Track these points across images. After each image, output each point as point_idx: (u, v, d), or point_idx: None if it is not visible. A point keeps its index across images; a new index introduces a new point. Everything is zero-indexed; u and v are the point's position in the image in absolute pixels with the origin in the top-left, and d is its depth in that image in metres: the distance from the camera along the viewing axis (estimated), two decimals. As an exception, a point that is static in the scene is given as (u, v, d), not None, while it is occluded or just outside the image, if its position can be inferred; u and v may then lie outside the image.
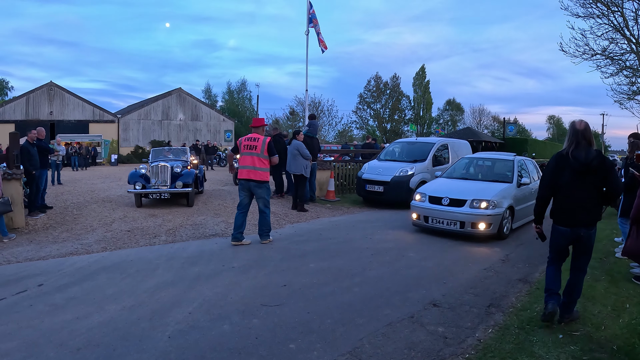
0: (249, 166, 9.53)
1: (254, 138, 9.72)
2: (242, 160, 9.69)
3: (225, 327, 5.28)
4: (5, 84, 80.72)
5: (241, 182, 9.72)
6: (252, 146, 9.62)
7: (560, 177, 5.41)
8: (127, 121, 49.93)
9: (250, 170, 9.53)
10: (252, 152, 9.57)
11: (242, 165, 9.66)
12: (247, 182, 9.59)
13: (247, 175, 9.55)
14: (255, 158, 9.54)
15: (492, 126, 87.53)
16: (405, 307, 5.97)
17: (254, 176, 9.52)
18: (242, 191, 9.76)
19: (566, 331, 5.23)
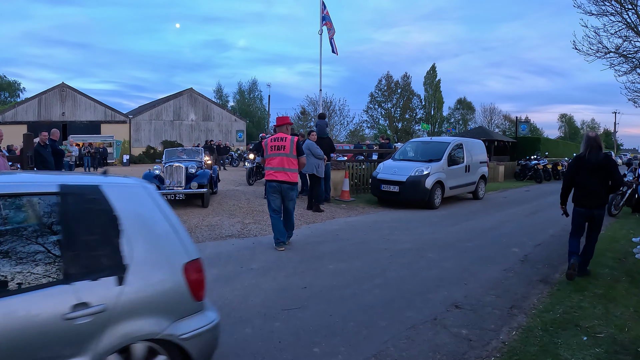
0: (279, 167, 9.10)
1: (281, 138, 9.22)
2: (270, 162, 9.24)
3: (247, 331, 5.24)
4: (17, 85, 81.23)
5: (272, 185, 9.23)
6: (280, 146, 9.13)
7: (578, 173, 7.42)
8: (139, 122, 50.08)
9: (281, 172, 9.09)
10: (280, 152, 9.11)
11: (271, 167, 9.21)
12: (279, 184, 9.12)
13: (280, 177, 9.09)
14: (285, 159, 9.09)
15: (503, 125, 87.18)
16: (427, 309, 5.94)
17: (287, 178, 9.10)
18: (274, 194, 9.25)
19: (590, 333, 5.18)
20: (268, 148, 9.29)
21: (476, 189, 18.45)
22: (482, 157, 19.09)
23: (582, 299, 6.36)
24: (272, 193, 9.28)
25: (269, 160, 9.27)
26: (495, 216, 14.10)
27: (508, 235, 10.87)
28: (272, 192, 9.27)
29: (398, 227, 11.84)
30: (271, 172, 9.18)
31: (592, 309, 5.95)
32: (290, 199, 9.34)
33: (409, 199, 15.22)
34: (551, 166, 31.45)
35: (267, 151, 9.28)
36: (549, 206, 16.64)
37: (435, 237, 10.65)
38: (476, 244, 9.90)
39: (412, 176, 15.15)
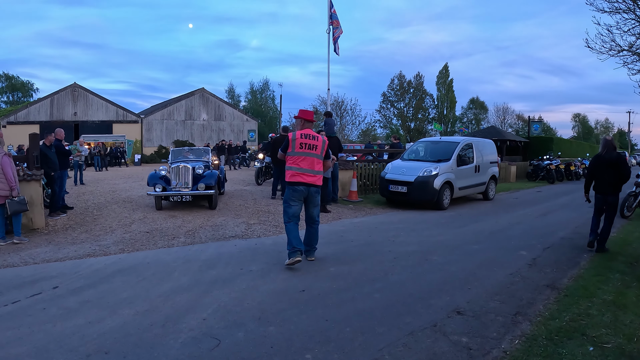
0: (309, 169, 8.11)
1: (313, 136, 8.25)
2: (298, 161, 8.11)
3: (239, 335, 5.09)
4: (30, 85, 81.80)
5: (298, 189, 8.09)
6: (312, 146, 8.16)
7: (597, 168, 9.61)
8: (151, 121, 50.23)
9: (310, 174, 8.11)
10: (312, 152, 8.15)
11: (300, 168, 8.08)
12: (307, 187, 8.11)
13: (308, 180, 8.08)
14: (315, 160, 8.18)
15: (516, 125, 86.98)
16: (428, 315, 5.72)
17: (315, 180, 8.17)
18: (297, 200, 8.16)
19: (597, 343, 4.93)
20: (296, 144, 8.13)
21: (486, 189, 18.27)
22: (493, 157, 18.88)
23: (590, 305, 6.12)
24: (295, 199, 8.15)
25: (296, 159, 8.14)
26: (505, 218, 13.88)
27: (517, 238, 10.64)
28: (295, 198, 8.15)
29: (404, 229, 11.66)
30: (298, 174, 8.08)
31: (600, 317, 5.71)
32: (315, 205, 8.40)
33: (417, 199, 15.08)
34: (564, 166, 31.11)
35: (295, 148, 8.12)
36: (560, 207, 16.43)
37: (442, 239, 10.44)
38: (483, 247, 9.69)
39: (420, 176, 15.01)
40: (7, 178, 9.74)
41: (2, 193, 9.74)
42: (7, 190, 9.77)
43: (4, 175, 9.71)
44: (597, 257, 8.96)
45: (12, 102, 76.98)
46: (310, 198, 8.29)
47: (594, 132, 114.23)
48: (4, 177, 9.72)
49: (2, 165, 9.71)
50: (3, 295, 6.49)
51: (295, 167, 8.12)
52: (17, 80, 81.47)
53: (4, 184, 9.73)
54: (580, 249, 9.66)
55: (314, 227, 8.46)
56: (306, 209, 8.41)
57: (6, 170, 9.70)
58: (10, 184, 9.77)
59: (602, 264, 8.36)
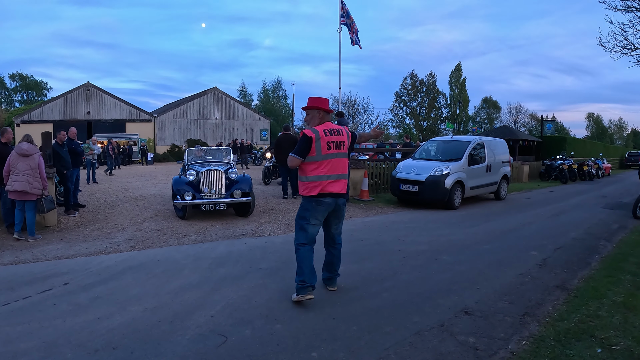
0: (340, 175, 6.20)
1: (338, 130, 6.27)
2: (325, 168, 6.07)
3: (246, 332, 5.11)
4: (44, 85, 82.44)
5: (326, 201, 6.10)
6: (340, 143, 6.19)
7: None
8: (163, 120, 50.46)
9: (341, 181, 6.21)
10: (340, 152, 6.19)
11: (327, 175, 6.06)
12: (335, 199, 6.16)
13: (338, 189, 6.15)
14: (344, 161, 6.30)
15: (529, 124, 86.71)
16: (436, 315, 5.70)
17: (345, 188, 6.33)
18: (320, 217, 6.19)
19: (605, 345, 4.87)
20: (323, 146, 6.06)
21: (498, 189, 18.18)
22: (505, 156, 18.80)
23: (600, 307, 6.04)
24: (317, 215, 6.16)
25: (324, 165, 6.09)
26: (517, 217, 13.80)
27: (528, 238, 10.56)
28: (319, 214, 6.16)
29: (415, 228, 11.63)
30: (326, 183, 6.06)
31: (609, 319, 5.63)
32: (341, 219, 6.54)
33: (428, 199, 15.04)
34: (577, 166, 30.95)
35: (322, 150, 6.06)
36: (573, 208, 16.34)
37: (452, 238, 10.39)
38: (494, 247, 9.63)
39: (431, 176, 14.97)
40: (41, 177, 10.10)
41: (36, 192, 10.01)
42: (40, 189, 10.09)
43: (40, 175, 10.06)
44: (609, 257, 8.87)
45: (27, 102, 77.64)
46: (338, 212, 6.39)
47: (607, 132, 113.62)
48: (39, 177, 10.05)
49: (39, 164, 10.05)
50: (14, 291, 6.54)
51: (323, 176, 6.06)
52: (31, 79, 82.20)
53: (39, 183, 10.05)
54: (592, 249, 9.57)
55: (337, 249, 6.61)
56: (327, 227, 6.49)
57: (42, 170, 10.09)
58: (44, 182, 10.16)
59: (613, 264, 8.27)
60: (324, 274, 6.73)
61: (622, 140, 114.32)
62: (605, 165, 38.80)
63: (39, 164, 9.94)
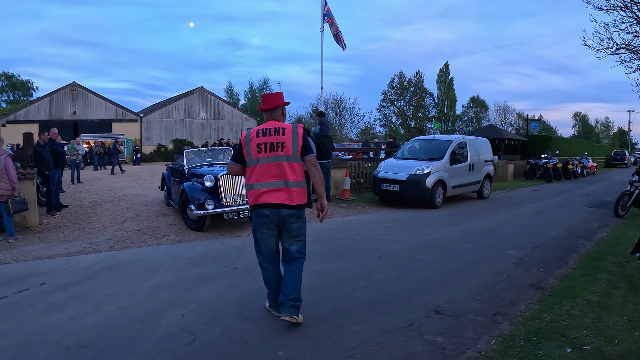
0: (276, 182, 5.26)
1: (276, 129, 5.31)
2: (256, 174, 5.31)
3: (216, 331, 5.13)
4: (30, 84, 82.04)
5: (263, 214, 5.33)
6: (277, 144, 5.26)
7: None
8: (150, 120, 50.28)
9: (279, 190, 5.25)
10: (277, 154, 5.25)
11: (259, 183, 5.29)
12: (275, 211, 5.29)
13: (277, 199, 5.25)
14: (285, 166, 5.25)
15: (516, 123, 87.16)
16: (406, 314, 5.70)
17: (289, 199, 5.27)
18: (266, 228, 5.39)
19: (575, 344, 4.88)
20: (252, 148, 5.31)
21: (481, 188, 18.24)
22: (488, 155, 18.85)
23: (573, 306, 6.05)
24: (263, 227, 5.41)
25: (256, 171, 5.32)
26: (498, 216, 13.85)
27: (507, 237, 10.59)
28: (263, 225, 5.41)
29: (394, 227, 11.64)
30: (260, 192, 5.29)
31: (582, 318, 5.64)
32: (294, 235, 5.43)
33: (410, 198, 15.07)
34: (562, 165, 31.08)
35: (251, 153, 5.32)
36: (555, 206, 16.41)
37: (431, 238, 10.40)
38: (472, 246, 9.64)
39: (412, 175, 14.99)
40: (10, 178, 9.99)
41: (4, 192, 9.94)
42: (9, 190, 9.99)
43: (7, 176, 9.95)
44: (587, 256, 8.90)
45: (13, 102, 77.17)
46: (286, 226, 5.39)
47: (594, 131, 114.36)
48: (7, 177, 9.95)
49: (6, 165, 9.93)
50: (-8, 291, 6.53)
51: (255, 184, 5.32)
52: (17, 79, 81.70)
53: (7, 184, 9.96)
54: (571, 248, 9.61)
55: (293, 266, 5.49)
56: (282, 241, 5.55)
57: (9, 170, 9.95)
58: (12, 184, 10.03)
59: (591, 263, 8.29)
60: (279, 298, 5.44)
61: (609, 139, 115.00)
62: (591, 164, 38.97)
63: (6, 165, 9.84)
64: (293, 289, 5.33)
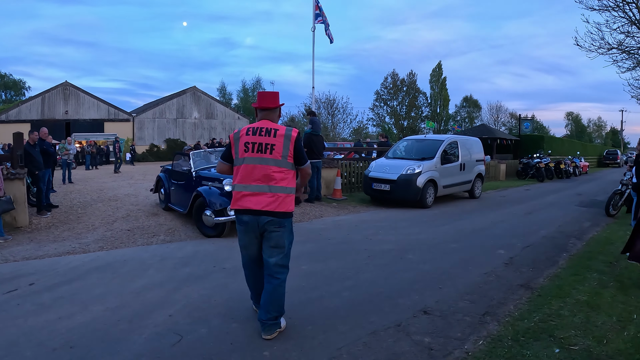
0: (260, 185, 4.90)
1: (267, 129, 4.96)
2: (242, 174, 4.95)
3: (202, 331, 5.11)
4: (22, 84, 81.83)
5: (243, 219, 4.99)
6: (266, 146, 4.90)
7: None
8: (142, 120, 50.23)
9: (262, 195, 4.88)
10: (264, 156, 4.89)
11: (242, 184, 4.94)
12: (255, 218, 4.92)
13: (256, 205, 4.88)
14: (272, 169, 4.90)
15: (509, 123, 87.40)
16: (394, 314, 5.67)
17: (272, 204, 4.88)
18: (247, 235, 5.06)
19: (564, 345, 4.86)
20: (240, 147, 4.99)
21: (472, 187, 18.25)
22: (479, 155, 18.86)
23: (562, 306, 6.04)
24: (245, 233, 5.09)
25: (238, 170, 5.03)
26: (489, 216, 13.84)
27: (497, 237, 10.58)
28: (244, 232, 5.08)
29: (384, 227, 11.61)
30: (241, 195, 4.95)
31: (571, 318, 5.62)
32: (276, 246, 5.00)
33: (401, 198, 15.06)
34: (554, 164, 31.14)
35: (238, 152, 5.01)
36: (547, 206, 16.43)
37: (421, 237, 10.38)
38: (462, 246, 9.62)
39: (403, 174, 14.98)
40: None
41: None
42: None
43: None
44: (577, 256, 8.90)
45: (5, 101, 76.94)
46: (266, 235, 4.99)
47: (586, 131, 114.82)
48: None
49: None
50: (-19, 292, 6.50)
51: (238, 185, 4.99)
52: (9, 78, 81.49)
53: None
54: (561, 247, 9.61)
55: (272, 283, 5.03)
56: (262, 250, 5.14)
57: None
58: None
59: (581, 263, 8.29)
60: (259, 313, 5.07)
61: (601, 139, 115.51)
62: (583, 163, 39.09)
63: None
64: (272, 308, 4.98)
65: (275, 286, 5.00)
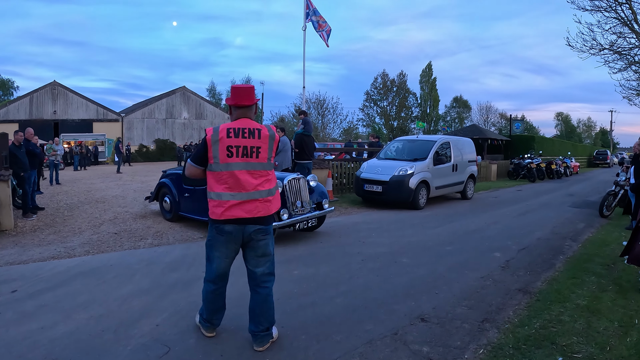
0: (251, 192, 4.53)
1: (251, 130, 4.57)
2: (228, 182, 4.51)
3: (190, 342, 4.89)
4: (11, 84, 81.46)
5: (226, 229, 4.58)
6: (252, 149, 4.54)
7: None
8: (131, 120, 49.98)
9: (254, 202, 4.55)
10: (252, 161, 4.54)
11: (232, 193, 4.50)
12: (241, 227, 4.58)
13: (248, 212, 4.54)
14: (259, 174, 4.60)
15: (499, 123, 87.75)
16: (390, 322, 5.47)
17: (262, 210, 4.61)
18: (225, 247, 4.70)
19: (567, 352, 4.69)
20: (221, 151, 4.49)
21: (464, 188, 18.16)
22: (471, 156, 18.79)
23: (562, 311, 5.89)
24: (221, 245, 4.70)
25: (225, 177, 4.52)
26: (482, 217, 13.69)
27: (492, 238, 10.44)
28: (220, 245, 4.71)
29: (377, 229, 11.43)
30: (230, 204, 4.51)
31: (572, 324, 5.47)
32: (261, 255, 4.77)
33: (393, 199, 14.91)
34: (545, 165, 31.15)
35: (220, 156, 4.50)
36: (540, 207, 16.34)
37: (414, 240, 10.21)
38: (456, 248, 9.46)
39: (395, 176, 14.84)
40: None
41: None
42: None
43: None
44: (573, 258, 8.77)
45: (-7, 101, 76.53)
46: (252, 244, 4.70)
47: (576, 131, 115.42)
48: None
49: None
50: (-40, 299, 6.26)
51: (224, 194, 4.52)
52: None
53: None
54: (557, 250, 9.47)
55: (260, 294, 4.80)
56: (245, 261, 4.89)
57: None
58: None
59: (578, 265, 8.16)
60: (249, 324, 4.81)
61: (591, 139, 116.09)
62: (574, 163, 39.17)
63: None
64: (264, 319, 4.72)
65: (264, 296, 4.76)
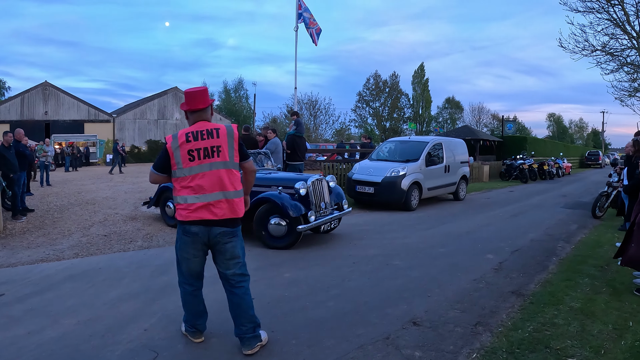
0: (214, 193, 4.53)
1: (209, 131, 4.61)
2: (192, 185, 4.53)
3: (179, 347, 4.82)
4: (2, 84, 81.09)
5: (192, 231, 4.57)
6: (213, 149, 4.56)
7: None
8: (123, 121, 49.74)
9: (220, 203, 4.54)
10: (215, 160, 4.56)
11: (195, 196, 4.51)
12: (207, 228, 4.56)
13: (212, 214, 4.53)
14: (223, 173, 4.57)
15: (491, 124, 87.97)
16: (382, 326, 5.40)
17: (230, 212, 4.60)
18: (192, 248, 4.67)
19: (561, 356, 4.64)
20: (182, 156, 4.52)
21: (457, 189, 18.16)
22: (464, 157, 18.80)
23: (556, 314, 5.83)
24: (190, 245, 4.67)
25: (184, 181, 4.56)
26: (475, 219, 13.66)
27: (485, 240, 10.38)
28: (187, 246, 4.69)
29: (369, 231, 11.39)
30: (195, 207, 4.51)
31: (566, 327, 5.41)
32: (230, 258, 4.75)
33: (385, 200, 14.87)
34: (537, 166, 31.22)
35: (182, 162, 4.52)
36: (532, 208, 16.33)
37: (406, 242, 10.15)
38: (449, 250, 9.41)
39: (387, 177, 14.81)
40: None
41: None
42: None
43: None
44: (567, 260, 8.73)
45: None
46: (218, 247, 4.68)
47: (568, 132, 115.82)
48: None
49: None
50: (-53, 304, 6.18)
51: (189, 197, 4.53)
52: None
53: None
54: (550, 251, 9.43)
55: (237, 294, 4.85)
56: (216, 264, 4.90)
57: None
58: None
59: (572, 267, 8.12)
60: (234, 329, 4.85)
61: (583, 140, 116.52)
62: (566, 164, 39.28)
63: None
64: (245, 319, 4.72)
65: (241, 296, 4.78)
